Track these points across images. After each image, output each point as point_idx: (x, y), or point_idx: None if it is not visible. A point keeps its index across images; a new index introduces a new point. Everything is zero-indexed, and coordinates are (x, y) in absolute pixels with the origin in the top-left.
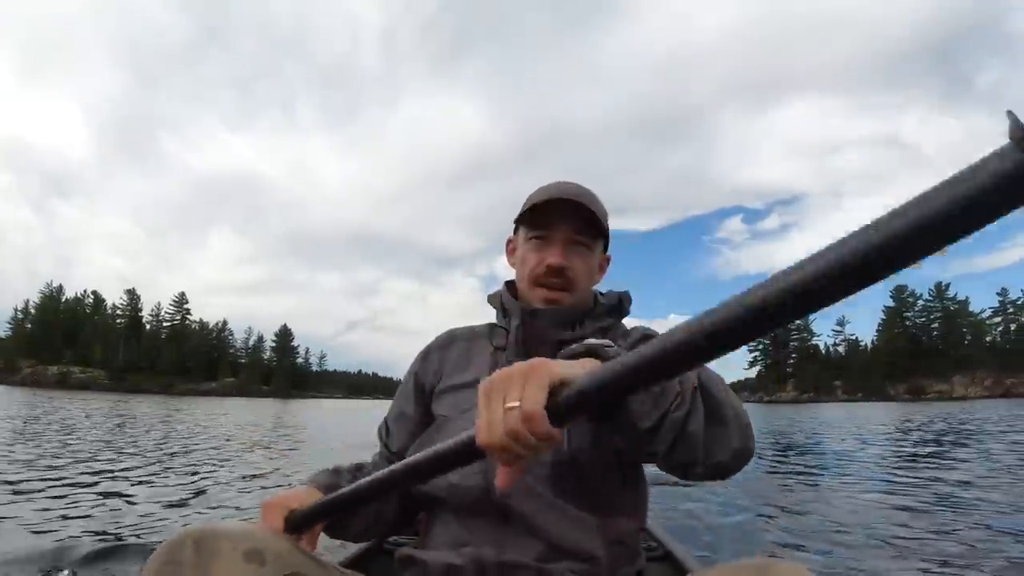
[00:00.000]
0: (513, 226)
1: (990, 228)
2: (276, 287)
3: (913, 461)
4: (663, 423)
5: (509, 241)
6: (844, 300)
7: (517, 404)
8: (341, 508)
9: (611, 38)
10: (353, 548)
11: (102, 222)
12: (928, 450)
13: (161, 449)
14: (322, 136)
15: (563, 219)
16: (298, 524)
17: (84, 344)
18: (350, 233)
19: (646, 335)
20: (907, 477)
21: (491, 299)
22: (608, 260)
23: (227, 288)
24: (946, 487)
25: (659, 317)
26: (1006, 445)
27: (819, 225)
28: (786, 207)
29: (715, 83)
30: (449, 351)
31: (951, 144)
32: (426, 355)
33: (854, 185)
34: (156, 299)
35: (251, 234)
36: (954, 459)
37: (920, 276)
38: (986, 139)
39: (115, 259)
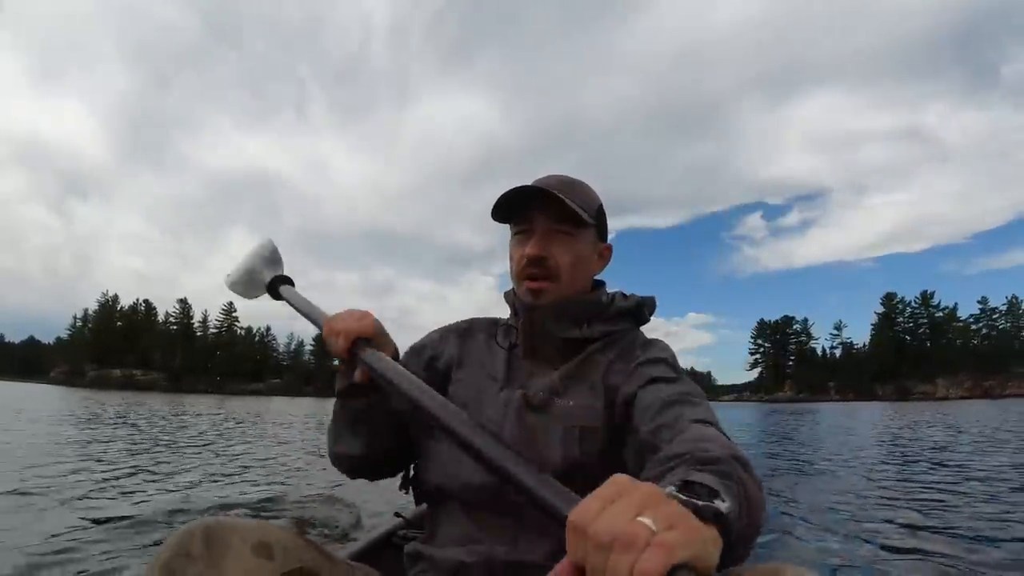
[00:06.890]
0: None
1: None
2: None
3: (911, 461)
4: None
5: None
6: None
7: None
8: (392, 388)
9: (625, 30)
10: (361, 542)
11: (119, 222)
12: (922, 451)
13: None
14: (335, 135)
15: (540, 210)
16: (357, 361)
17: (143, 349)
18: (364, 232)
19: (656, 359)
20: (910, 476)
21: (507, 296)
22: (609, 249)
23: None
24: (946, 489)
25: (677, 316)
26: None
27: (841, 221)
28: (807, 203)
29: (733, 76)
30: (470, 340)
31: (976, 137)
32: (444, 335)
33: (876, 180)
34: (176, 297)
35: (266, 233)
36: (950, 460)
37: (912, 282)
38: (1013, 132)
39: (133, 259)
